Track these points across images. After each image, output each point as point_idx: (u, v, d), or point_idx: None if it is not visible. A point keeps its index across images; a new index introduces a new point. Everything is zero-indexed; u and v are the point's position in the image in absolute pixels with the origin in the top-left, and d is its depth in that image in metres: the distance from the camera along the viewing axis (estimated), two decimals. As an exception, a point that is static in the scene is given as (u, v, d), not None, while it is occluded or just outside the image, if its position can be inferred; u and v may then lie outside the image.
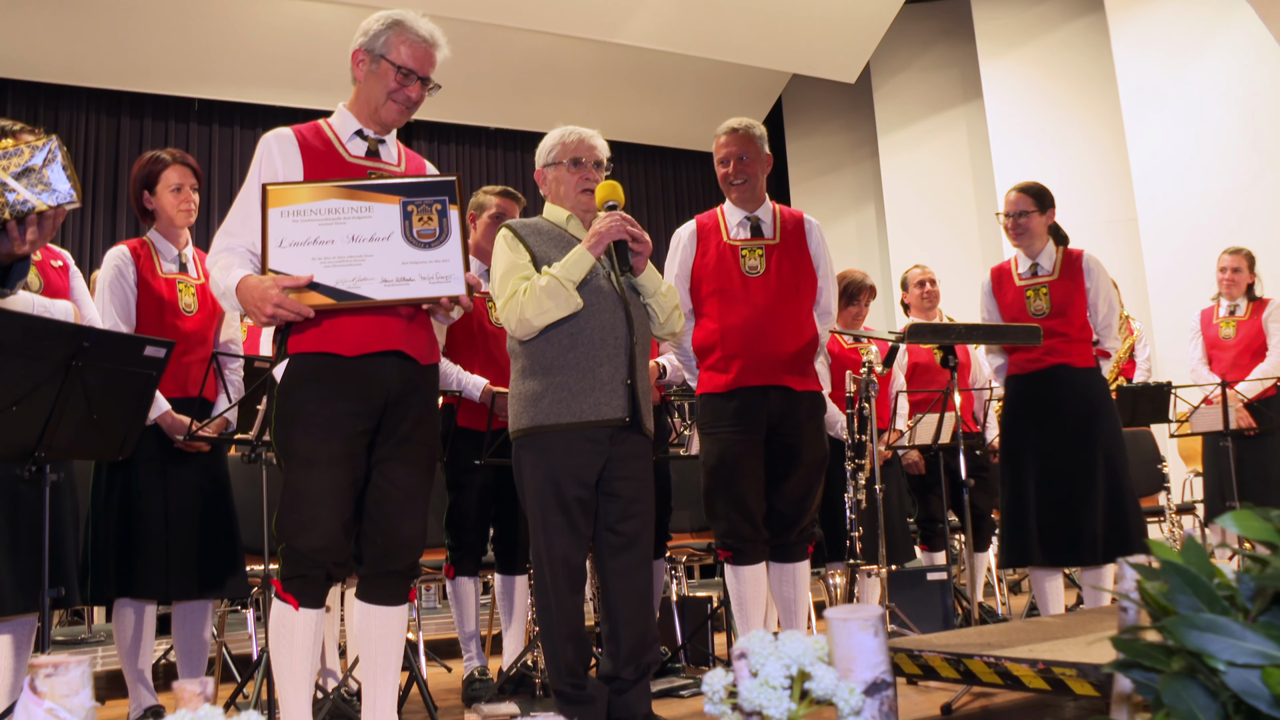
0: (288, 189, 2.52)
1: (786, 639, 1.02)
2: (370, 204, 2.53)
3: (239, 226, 2.57)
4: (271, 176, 2.57)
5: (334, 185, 2.54)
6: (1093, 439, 3.98)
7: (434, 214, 2.55)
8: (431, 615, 5.60)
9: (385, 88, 2.66)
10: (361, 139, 2.70)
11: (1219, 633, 0.80)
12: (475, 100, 9.48)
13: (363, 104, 2.70)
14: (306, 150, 2.62)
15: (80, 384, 2.61)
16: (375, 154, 2.71)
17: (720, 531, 3.55)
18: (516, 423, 2.94)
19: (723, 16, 8.62)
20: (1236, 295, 5.75)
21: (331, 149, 2.66)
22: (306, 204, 2.50)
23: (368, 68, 2.67)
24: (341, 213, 2.51)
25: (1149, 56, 8.42)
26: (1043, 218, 4.17)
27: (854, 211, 10.81)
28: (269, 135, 2.65)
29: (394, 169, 2.72)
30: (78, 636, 5.11)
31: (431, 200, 2.56)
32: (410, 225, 2.53)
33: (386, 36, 2.66)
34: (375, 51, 2.66)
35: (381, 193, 2.55)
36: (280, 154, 2.60)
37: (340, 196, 2.52)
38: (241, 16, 8.40)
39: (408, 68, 2.66)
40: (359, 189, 2.54)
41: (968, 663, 2.57)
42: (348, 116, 2.72)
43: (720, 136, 3.68)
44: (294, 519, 2.46)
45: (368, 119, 2.70)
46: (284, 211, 2.49)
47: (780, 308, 3.55)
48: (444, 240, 2.53)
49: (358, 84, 2.71)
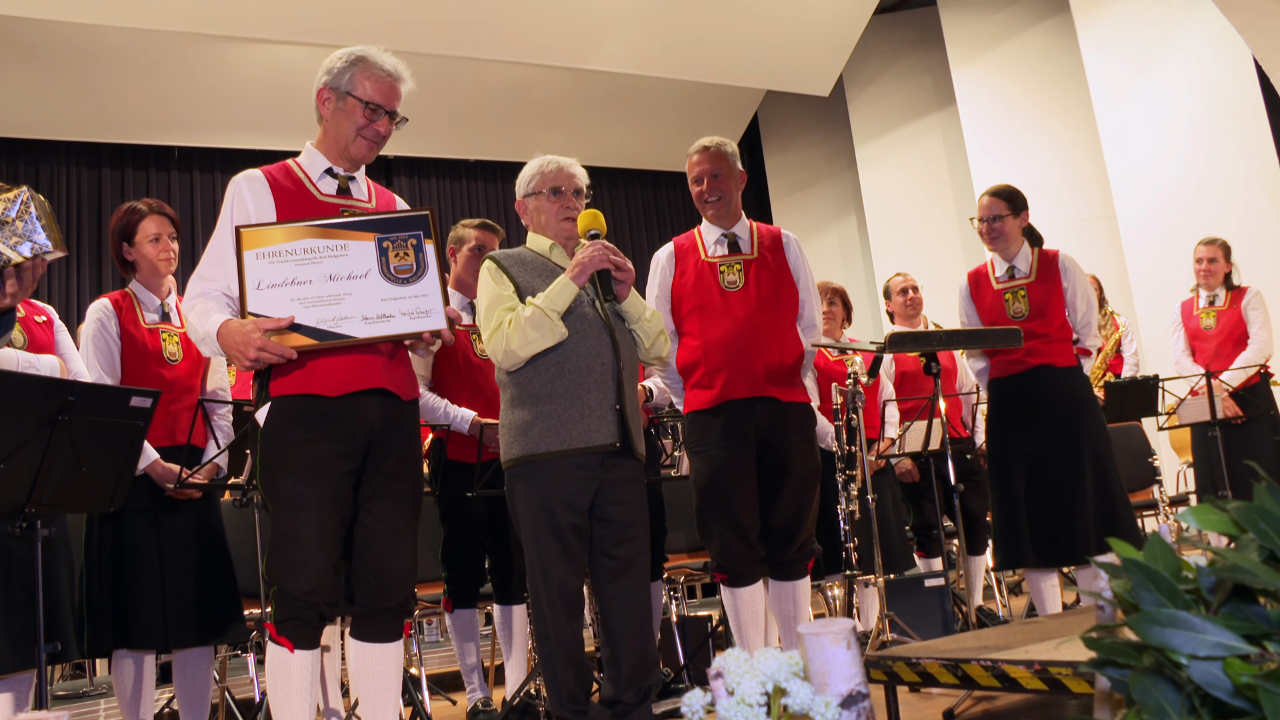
0: (262, 231, 2.51)
1: (762, 656, 1.03)
2: (346, 242, 2.53)
3: (212, 270, 2.57)
4: (244, 218, 2.57)
5: (308, 225, 2.54)
6: (1078, 437, 4.00)
7: (409, 249, 2.56)
8: (434, 649, 5.59)
9: (354, 124, 2.67)
10: (332, 177, 2.71)
11: (1180, 627, 0.82)
12: (453, 133, 9.53)
13: (331, 141, 2.71)
14: (278, 190, 2.63)
15: (67, 438, 2.62)
16: (346, 191, 2.72)
17: (715, 552, 3.53)
18: (508, 452, 2.94)
19: (694, 38, 8.68)
20: (1215, 285, 5.78)
21: (302, 188, 2.67)
22: (282, 245, 2.49)
23: (334, 105, 2.68)
24: (318, 252, 2.51)
25: (1116, 54, 8.50)
26: (1016, 220, 4.20)
27: (835, 223, 10.87)
28: (239, 177, 2.65)
29: (365, 205, 2.73)
30: (80, 690, 5.09)
31: (406, 235, 2.57)
32: (387, 261, 2.54)
33: (351, 73, 2.67)
34: (340, 89, 2.67)
35: (356, 230, 2.55)
36: (251, 195, 2.61)
37: (315, 236, 2.52)
38: (215, 63, 8.45)
39: (375, 103, 2.67)
40: (333, 227, 2.54)
41: (965, 667, 2.58)
42: (316, 155, 2.73)
43: (693, 156, 3.70)
44: (284, 562, 2.47)
45: (337, 156, 2.71)
46: (259, 253, 2.48)
47: (762, 320, 3.55)
48: (421, 275, 2.54)
49: (324, 122, 2.71)
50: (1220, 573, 0.84)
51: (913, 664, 2.71)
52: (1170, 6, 8.32)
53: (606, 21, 8.38)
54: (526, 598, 3.88)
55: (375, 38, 8.38)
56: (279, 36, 7.65)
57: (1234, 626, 0.82)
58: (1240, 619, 0.83)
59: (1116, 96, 8.48)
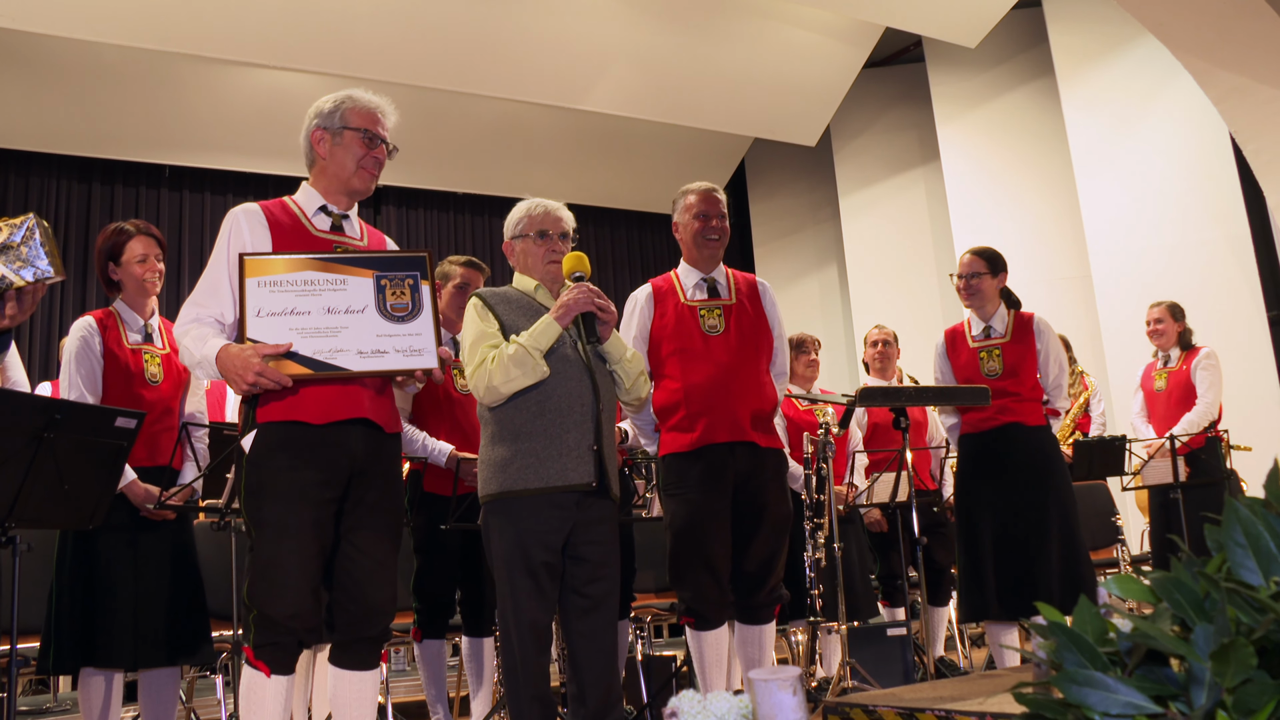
0: (265, 260, 2.58)
1: (714, 698, 1.10)
2: (345, 277, 2.60)
3: (208, 298, 2.64)
4: (241, 248, 2.63)
5: (310, 258, 2.61)
6: (1045, 494, 4.09)
7: (406, 288, 2.63)
8: (400, 677, 5.61)
9: (354, 156, 2.76)
10: (326, 214, 2.79)
11: (1095, 687, 0.89)
12: (443, 166, 9.62)
13: (330, 179, 2.79)
14: (274, 225, 2.70)
15: (51, 455, 2.67)
16: (340, 229, 2.79)
17: (688, 596, 3.50)
18: (486, 488, 2.98)
19: (686, 83, 8.83)
20: (1167, 346, 5.82)
21: (298, 224, 2.74)
22: (283, 275, 2.56)
23: (331, 143, 2.77)
24: (317, 284, 2.58)
25: (1097, 118, 8.69)
26: (994, 280, 4.31)
27: (816, 272, 10.99)
28: (236, 210, 2.72)
29: (357, 243, 2.81)
30: (42, 706, 5.08)
31: (404, 275, 2.65)
32: (384, 299, 2.61)
33: (341, 111, 2.77)
34: (334, 126, 2.76)
35: (356, 266, 2.62)
36: (249, 228, 2.68)
37: (316, 269, 2.59)
38: (211, 85, 8.53)
39: (372, 131, 2.77)
40: (334, 261, 2.62)
41: (919, 717, 2.63)
42: (312, 193, 2.81)
43: (701, 191, 3.69)
44: (265, 587, 2.51)
45: (335, 194, 2.79)
46: (261, 281, 2.55)
47: (742, 365, 3.57)
48: (417, 314, 2.62)
49: (320, 161, 2.80)
50: (1135, 638, 0.92)
51: (869, 711, 2.75)
52: (1151, 76, 8.52)
53: (600, 63, 8.52)
54: (496, 630, 3.92)
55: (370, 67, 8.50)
56: (275, 62, 7.74)
57: (1145, 688, 0.90)
58: (1152, 681, 0.91)
59: (1096, 160, 8.66)
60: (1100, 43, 8.74)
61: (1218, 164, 8.18)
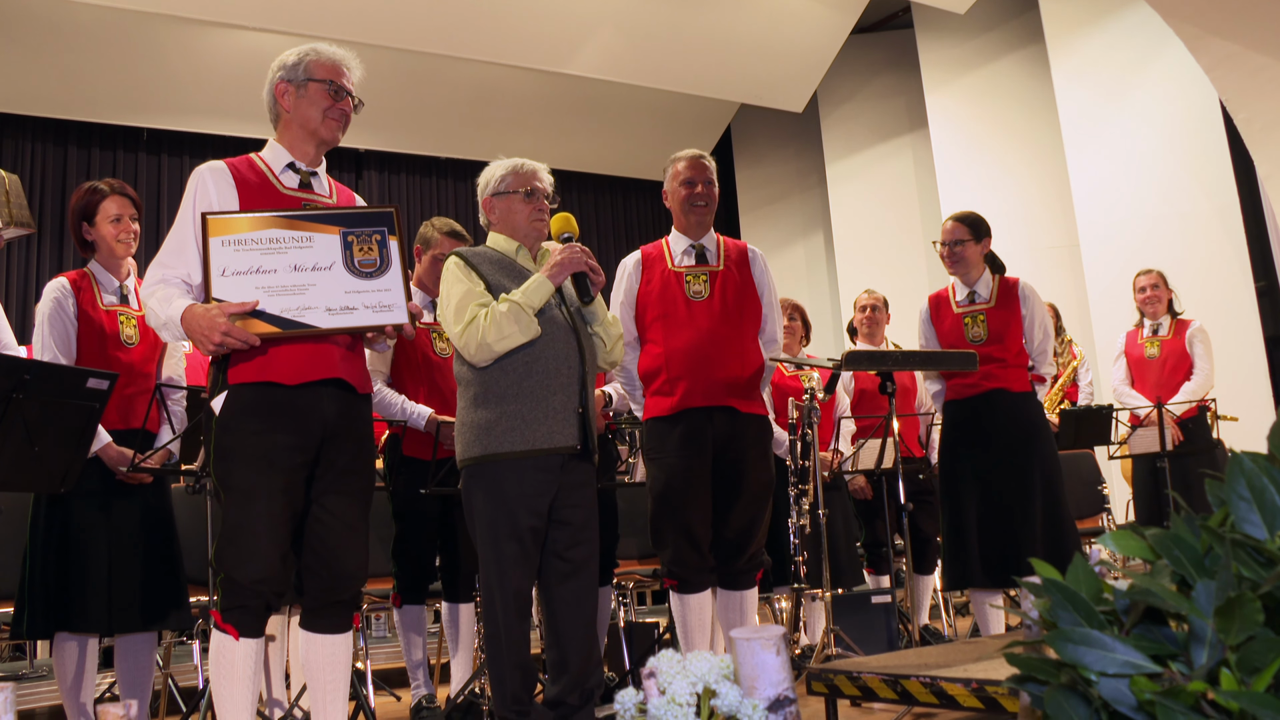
0: (228, 219, 2.53)
1: (694, 658, 1.06)
2: (311, 234, 2.55)
3: (173, 258, 2.58)
4: (207, 208, 2.58)
5: (274, 215, 2.56)
6: (1030, 461, 4.07)
7: (374, 244, 2.59)
8: (380, 644, 5.58)
9: (319, 107, 2.71)
10: (294, 171, 2.74)
11: (1092, 645, 0.85)
12: (425, 130, 9.52)
13: (296, 132, 2.74)
14: (241, 183, 2.65)
15: (20, 417, 2.61)
16: (308, 186, 2.75)
17: (667, 559, 3.54)
18: (467, 451, 2.93)
19: (671, 47, 8.73)
20: (1159, 313, 5.83)
21: (266, 181, 2.69)
22: (248, 233, 2.51)
23: (295, 95, 2.72)
24: (283, 242, 2.53)
25: (1087, 86, 8.63)
26: (978, 246, 4.27)
27: (803, 239, 10.95)
28: (202, 168, 2.67)
29: (326, 200, 2.76)
30: (18, 672, 5.04)
31: (371, 230, 2.60)
32: (351, 255, 2.56)
33: (305, 63, 2.73)
34: (298, 79, 2.72)
35: (321, 223, 2.57)
36: (215, 186, 2.63)
37: (281, 226, 2.54)
38: (188, 47, 8.40)
39: (336, 82, 2.72)
40: (299, 219, 2.57)
41: (904, 683, 2.62)
42: (279, 150, 2.76)
43: (689, 158, 3.70)
44: (233, 551, 2.48)
45: (302, 148, 2.74)
46: (225, 241, 2.50)
47: (725, 331, 3.57)
48: (385, 270, 2.58)
49: (286, 115, 2.75)
50: (1133, 595, 0.88)
51: (854, 678, 2.74)
52: (1142, 44, 8.45)
53: (584, 27, 8.42)
54: (476, 596, 3.89)
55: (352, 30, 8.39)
56: (253, 23, 7.62)
57: (1143, 647, 0.86)
58: (1150, 640, 0.87)
59: (1085, 128, 8.60)
60: (1090, 9, 8.66)
61: (1208, 133, 8.13)
